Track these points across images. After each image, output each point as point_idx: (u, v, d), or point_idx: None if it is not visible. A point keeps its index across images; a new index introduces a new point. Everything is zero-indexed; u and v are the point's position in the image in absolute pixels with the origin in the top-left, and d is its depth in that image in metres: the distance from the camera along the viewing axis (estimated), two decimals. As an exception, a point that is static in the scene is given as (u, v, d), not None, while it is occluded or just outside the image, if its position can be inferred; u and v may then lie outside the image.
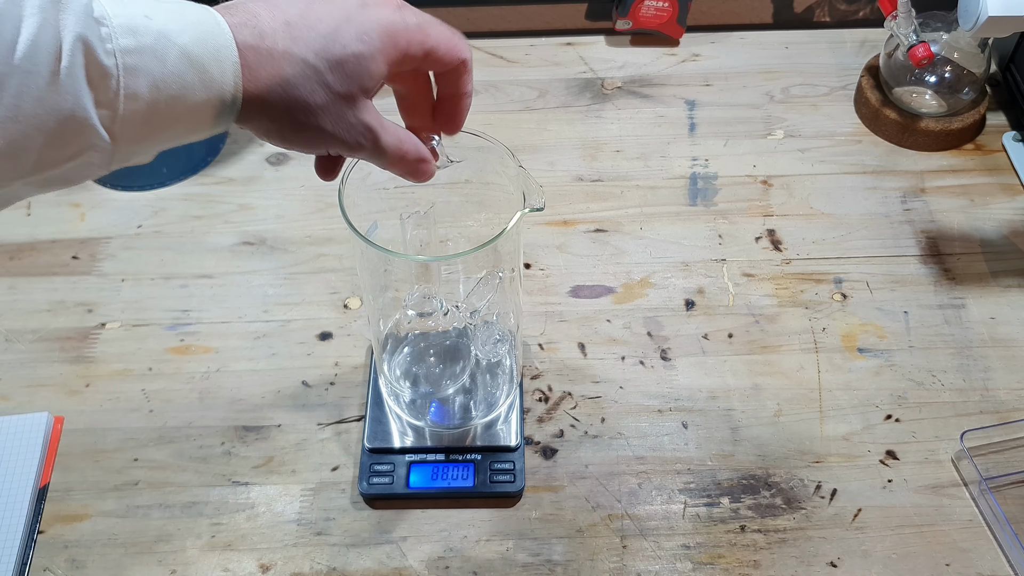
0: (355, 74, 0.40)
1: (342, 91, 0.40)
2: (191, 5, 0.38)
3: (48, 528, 0.63)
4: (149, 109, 0.36)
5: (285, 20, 0.39)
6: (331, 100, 0.40)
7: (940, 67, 0.82)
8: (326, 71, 0.39)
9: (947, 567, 0.60)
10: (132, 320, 0.74)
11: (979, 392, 0.69)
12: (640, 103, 0.90)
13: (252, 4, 0.39)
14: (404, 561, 0.61)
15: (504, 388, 0.66)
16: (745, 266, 0.77)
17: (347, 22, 0.39)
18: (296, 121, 0.40)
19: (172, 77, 0.36)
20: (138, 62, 0.35)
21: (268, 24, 0.38)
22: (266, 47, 0.38)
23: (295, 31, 0.38)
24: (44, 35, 0.33)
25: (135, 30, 0.35)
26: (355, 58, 0.39)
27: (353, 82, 0.40)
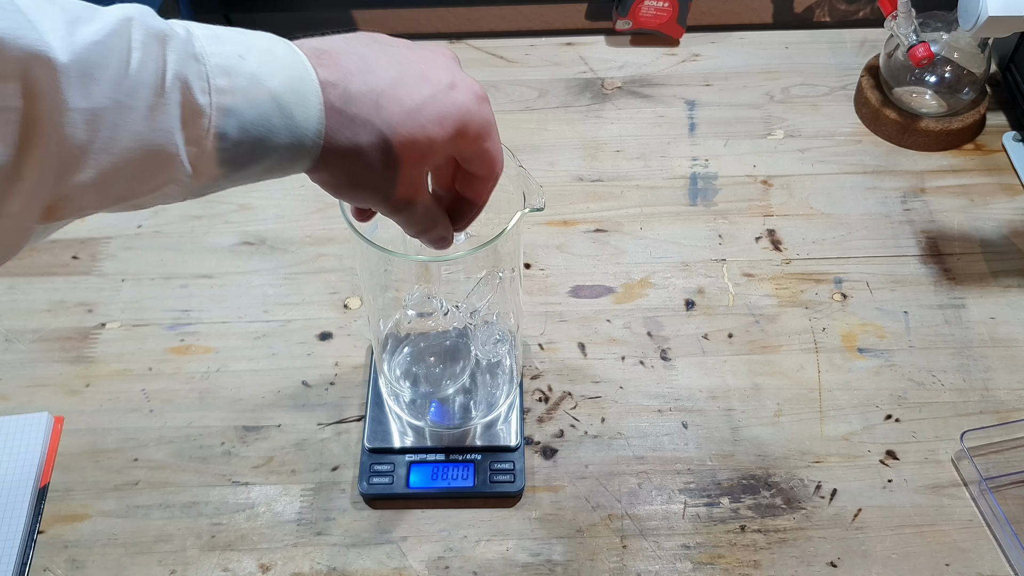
0: (421, 153, 0.40)
1: (403, 163, 0.40)
2: (278, 44, 0.37)
3: (48, 528, 0.63)
4: (234, 149, 0.36)
5: (375, 89, 0.38)
6: (392, 169, 0.40)
7: (940, 67, 0.82)
8: (397, 145, 0.39)
9: (947, 567, 0.60)
10: (132, 320, 0.74)
11: (979, 392, 0.69)
12: (640, 103, 0.90)
13: (346, 60, 0.38)
14: (404, 561, 0.61)
15: (504, 388, 0.66)
16: (745, 266, 0.77)
17: (432, 101, 0.39)
18: (355, 181, 0.40)
19: (260, 120, 0.35)
20: (231, 103, 0.35)
21: (357, 88, 0.38)
22: (351, 113, 0.38)
23: (382, 101, 0.38)
24: (146, 71, 0.33)
25: (230, 71, 0.35)
26: (427, 140, 0.39)
27: (416, 158, 0.40)
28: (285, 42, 0.38)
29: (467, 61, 0.94)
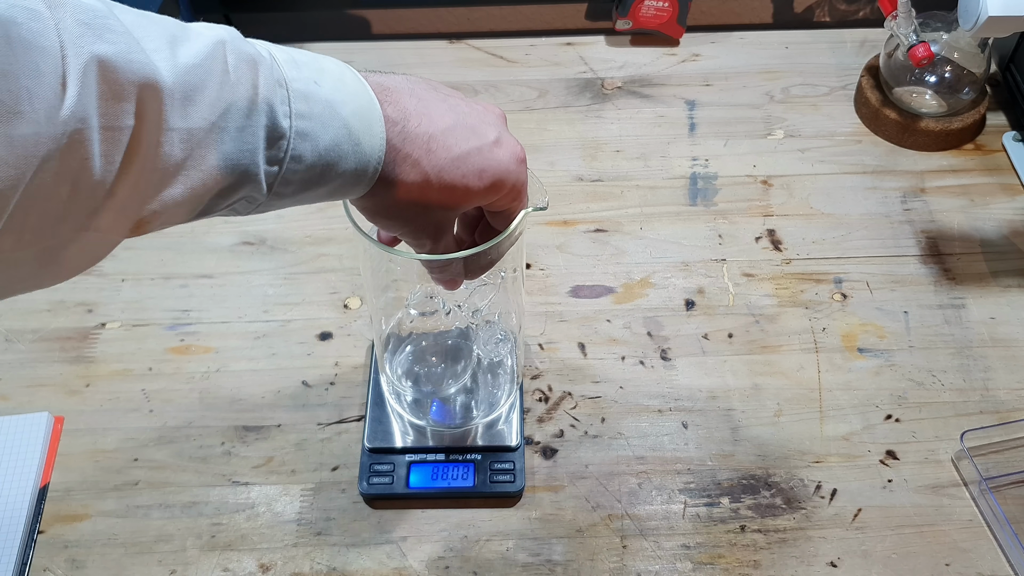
0: (457, 199, 0.42)
1: (439, 205, 0.42)
2: (347, 72, 0.39)
3: (48, 528, 0.63)
4: (308, 171, 0.37)
5: (429, 132, 0.40)
6: (427, 209, 0.42)
7: (940, 67, 0.82)
8: (437, 188, 0.41)
9: (947, 567, 0.60)
10: (132, 320, 0.74)
11: (979, 392, 0.69)
12: (640, 103, 0.90)
13: (407, 100, 0.40)
14: (404, 561, 0.61)
15: (506, 388, 0.66)
16: (745, 266, 0.77)
17: (476, 154, 0.41)
18: (390, 211, 0.42)
19: (333, 145, 0.37)
20: (308, 128, 0.36)
21: (415, 130, 0.40)
22: (405, 152, 0.39)
23: (433, 145, 0.40)
24: (238, 94, 0.34)
25: (308, 96, 0.36)
26: (464, 190, 0.41)
27: (451, 203, 0.42)
28: (352, 71, 0.39)
29: (467, 61, 0.94)
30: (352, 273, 0.76)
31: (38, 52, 0.28)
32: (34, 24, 0.28)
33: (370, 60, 0.94)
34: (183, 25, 0.34)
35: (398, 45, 0.96)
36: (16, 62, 0.27)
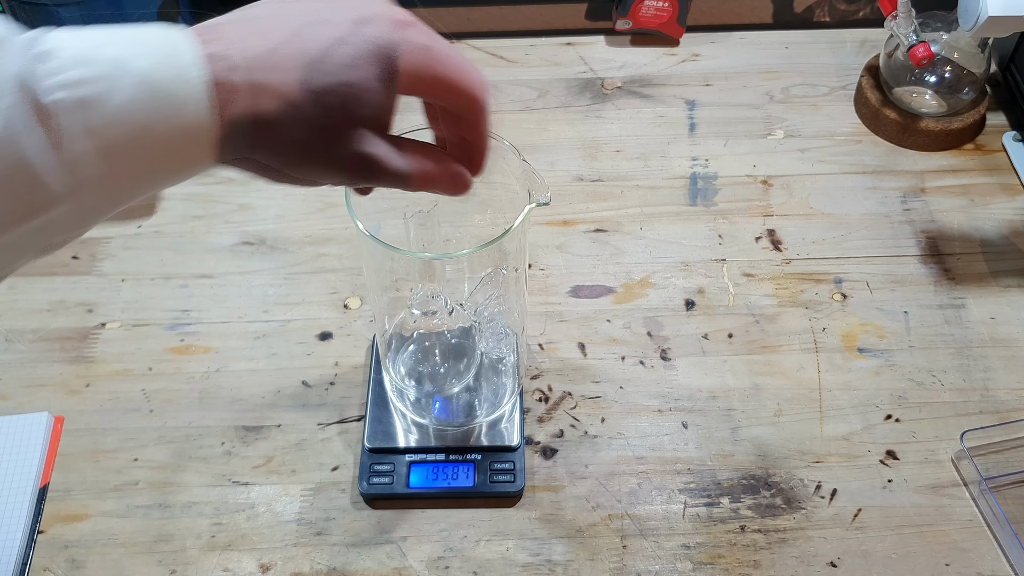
0: (343, 105, 0.35)
1: (328, 124, 0.35)
2: (153, 27, 0.33)
3: (48, 528, 0.63)
4: (109, 147, 0.31)
5: (266, 47, 0.34)
6: (317, 135, 0.36)
7: (940, 67, 0.82)
8: (313, 104, 0.35)
9: (947, 567, 0.60)
10: (132, 320, 0.74)
11: (979, 392, 0.69)
12: (640, 103, 0.90)
13: (227, 28, 0.35)
14: (404, 561, 0.61)
15: (508, 387, 0.66)
16: (745, 266, 0.77)
17: (340, 44, 0.35)
18: (283, 159, 0.36)
19: (131, 107, 0.31)
20: (87, 94, 0.31)
21: (241, 54, 0.34)
22: (239, 82, 0.33)
23: (275, 59, 0.34)
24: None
25: (85, 60, 0.31)
26: (342, 88, 0.35)
27: (342, 114, 0.35)
28: (165, 25, 0.34)
29: (467, 61, 0.94)
30: (352, 273, 0.76)
31: None
32: None
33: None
34: None
35: (398, 45, 0.96)
36: None
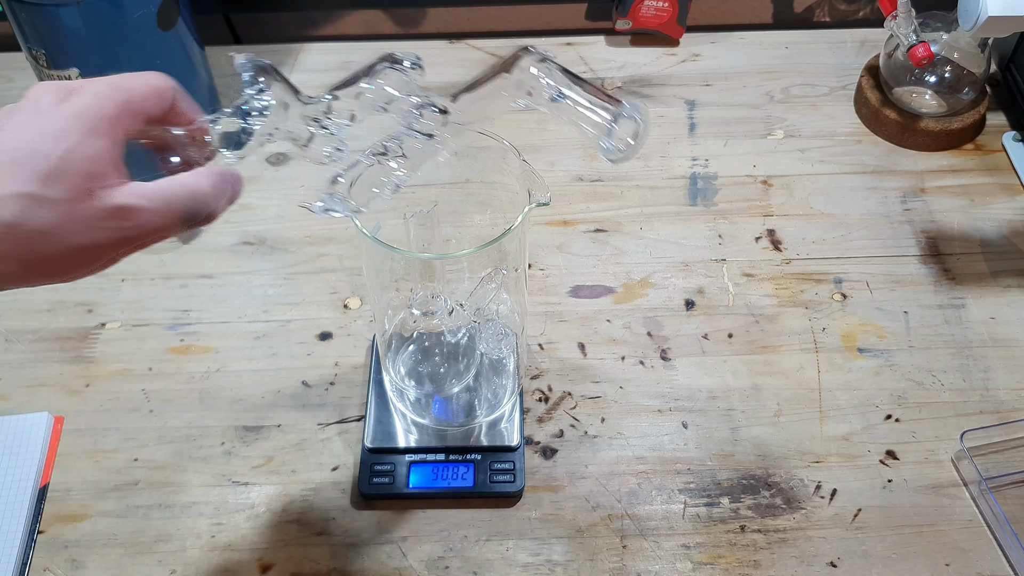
0: (74, 172, 0.36)
1: (69, 196, 0.36)
2: None
3: (48, 528, 0.63)
4: None
5: None
6: (64, 212, 0.36)
7: (940, 67, 0.82)
8: (43, 190, 0.36)
9: (947, 567, 0.60)
10: (132, 320, 0.74)
11: (979, 392, 0.69)
12: (640, 103, 0.89)
13: None
14: (404, 561, 0.61)
15: (508, 387, 0.66)
16: (745, 266, 0.77)
17: (40, 134, 0.36)
18: (46, 255, 0.37)
19: None
20: None
21: None
22: None
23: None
24: None
25: None
26: (64, 159, 0.36)
27: (76, 179, 0.36)
28: None
29: (467, 61, 0.94)
30: (352, 273, 0.76)
31: None
32: None
33: (370, 59, 0.94)
34: None
35: (398, 45, 0.96)
36: None
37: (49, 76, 0.74)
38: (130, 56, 0.74)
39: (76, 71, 0.73)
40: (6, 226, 0.35)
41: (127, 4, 0.71)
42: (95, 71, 0.74)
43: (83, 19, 0.70)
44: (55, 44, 0.72)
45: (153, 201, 0.39)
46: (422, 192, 0.51)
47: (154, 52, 0.76)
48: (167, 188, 0.40)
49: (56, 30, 0.71)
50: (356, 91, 0.46)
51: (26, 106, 0.38)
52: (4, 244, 0.36)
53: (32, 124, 0.37)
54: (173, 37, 0.77)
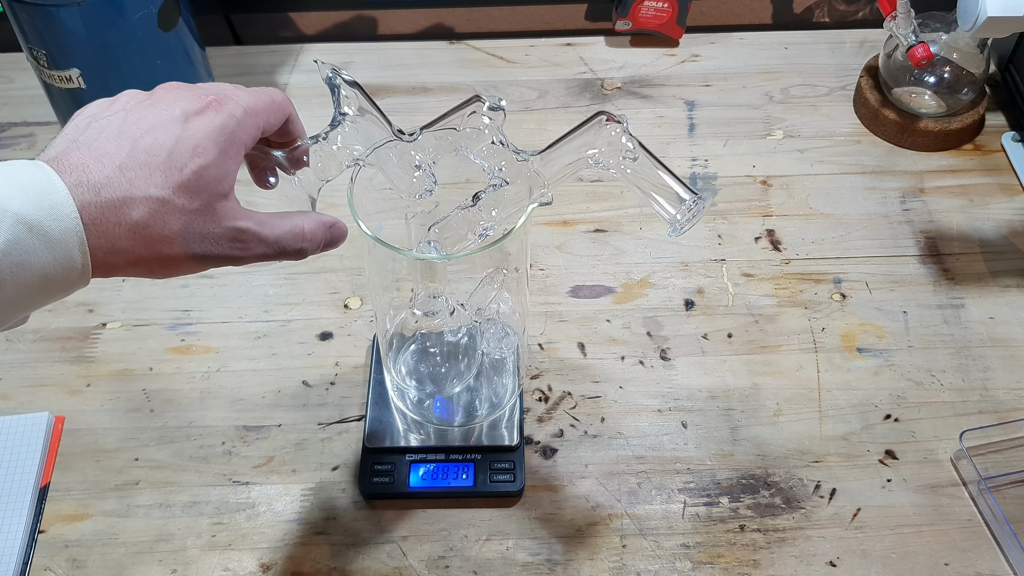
0: (203, 187, 0.39)
1: (195, 207, 0.39)
2: (22, 167, 0.37)
3: (49, 528, 0.63)
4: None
5: (117, 165, 0.38)
6: (188, 222, 0.39)
7: (939, 67, 0.83)
8: (173, 197, 0.39)
9: (946, 567, 0.61)
10: (133, 320, 0.74)
11: (978, 392, 0.69)
12: (640, 103, 0.90)
13: (76, 156, 0.38)
14: (404, 561, 0.61)
15: (508, 386, 0.66)
16: (744, 266, 0.77)
17: (177, 143, 0.39)
18: (161, 256, 0.40)
19: (9, 245, 0.35)
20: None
21: (99, 174, 0.38)
22: (104, 200, 0.37)
23: (128, 173, 0.38)
24: None
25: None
26: (197, 173, 0.39)
27: (204, 194, 0.40)
28: (30, 163, 0.38)
29: (467, 61, 0.94)
30: (352, 273, 0.76)
31: None
32: None
33: (370, 60, 0.94)
34: None
35: (398, 45, 0.96)
36: None
37: (50, 76, 0.74)
38: (130, 56, 0.74)
39: (77, 71, 0.73)
40: (134, 226, 0.38)
41: (128, 4, 0.71)
42: (96, 71, 0.75)
43: (84, 19, 0.70)
44: (56, 44, 0.72)
45: (268, 234, 0.42)
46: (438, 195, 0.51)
47: (155, 52, 0.76)
48: (280, 227, 0.43)
49: (57, 30, 0.71)
50: (449, 138, 0.48)
51: (161, 108, 0.40)
52: (127, 242, 0.38)
53: (170, 130, 0.39)
54: (174, 37, 0.77)
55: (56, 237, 0.36)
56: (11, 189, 0.36)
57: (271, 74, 0.93)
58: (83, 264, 0.37)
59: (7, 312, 0.37)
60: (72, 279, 0.38)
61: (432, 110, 0.49)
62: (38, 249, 0.36)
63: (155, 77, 0.77)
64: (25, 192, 0.36)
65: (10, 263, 0.35)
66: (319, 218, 0.45)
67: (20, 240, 0.35)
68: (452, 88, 0.91)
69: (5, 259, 0.35)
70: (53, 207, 0.36)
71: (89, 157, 0.38)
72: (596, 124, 0.47)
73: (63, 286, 0.38)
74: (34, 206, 0.36)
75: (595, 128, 0.48)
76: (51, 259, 0.36)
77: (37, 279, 0.36)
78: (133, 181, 0.38)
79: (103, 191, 0.37)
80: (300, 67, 0.94)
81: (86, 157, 0.38)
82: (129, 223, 0.38)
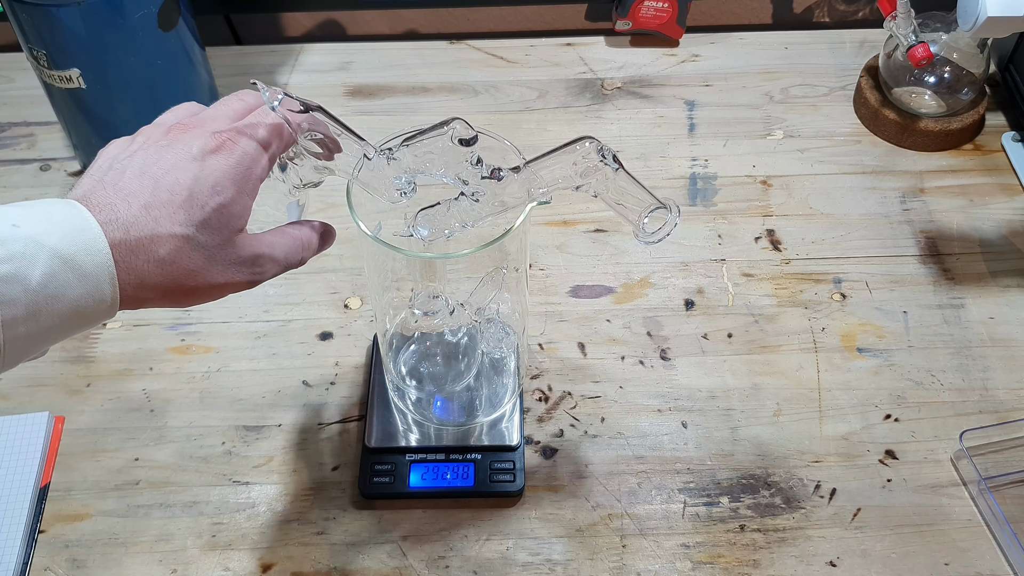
0: (224, 223, 0.42)
1: (217, 243, 0.42)
2: (57, 205, 0.39)
3: (49, 528, 0.63)
4: (29, 313, 0.37)
5: (142, 204, 0.40)
6: (210, 255, 0.42)
7: (939, 67, 0.83)
8: (196, 234, 0.41)
9: (946, 567, 0.61)
10: (133, 320, 0.74)
11: (978, 392, 0.69)
12: (640, 103, 0.90)
13: (103, 195, 0.40)
14: (404, 561, 0.61)
15: (508, 386, 0.66)
16: (744, 266, 0.77)
17: (197, 182, 0.41)
18: (185, 288, 0.42)
19: (46, 279, 0.37)
20: (10, 270, 0.36)
21: (127, 213, 0.39)
22: (133, 238, 0.39)
23: (153, 212, 0.40)
24: None
25: (3, 241, 0.36)
26: (217, 211, 0.41)
27: (224, 230, 0.42)
28: (63, 200, 0.40)
29: (467, 61, 0.94)
30: (353, 273, 0.76)
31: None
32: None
33: (370, 60, 0.94)
34: None
35: (398, 45, 0.96)
36: None
37: (50, 76, 0.74)
38: (130, 56, 0.74)
39: (77, 71, 0.73)
40: (160, 262, 0.40)
41: (128, 4, 0.71)
42: (96, 71, 0.75)
43: (84, 19, 0.70)
44: (56, 44, 0.72)
45: (279, 255, 0.45)
46: (423, 192, 0.51)
47: (155, 52, 0.76)
48: (283, 244, 0.46)
49: (57, 30, 0.71)
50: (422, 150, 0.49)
51: (179, 148, 0.42)
52: (155, 277, 0.40)
53: (188, 169, 0.41)
54: (174, 37, 0.77)
55: (89, 272, 0.38)
56: (47, 225, 0.38)
57: (271, 74, 0.93)
58: (112, 297, 0.40)
59: (39, 342, 0.39)
60: (101, 311, 0.40)
61: (432, 110, 0.49)
62: (72, 283, 0.38)
63: (155, 77, 0.77)
64: (61, 228, 0.38)
65: (46, 295, 0.37)
66: (310, 224, 0.48)
67: (56, 274, 0.37)
68: (452, 88, 0.91)
69: (42, 291, 0.37)
70: (87, 243, 0.38)
71: (115, 196, 0.40)
72: (576, 145, 0.48)
73: (92, 318, 0.40)
74: (69, 242, 0.38)
75: (574, 147, 0.49)
76: (83, 292, 0.38)
77: (69, 311, 0.38)
78: (158, 220, 0.40)
79: (132, 229, 0.39)
80: (300, 67, 0.94)
81: (112, 196, 0.40)
82: (156, 259, 0.40)
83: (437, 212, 0.49)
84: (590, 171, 0.49)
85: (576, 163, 0.48)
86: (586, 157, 0.48)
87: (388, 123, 0.87)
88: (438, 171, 0.49)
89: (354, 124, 0.48)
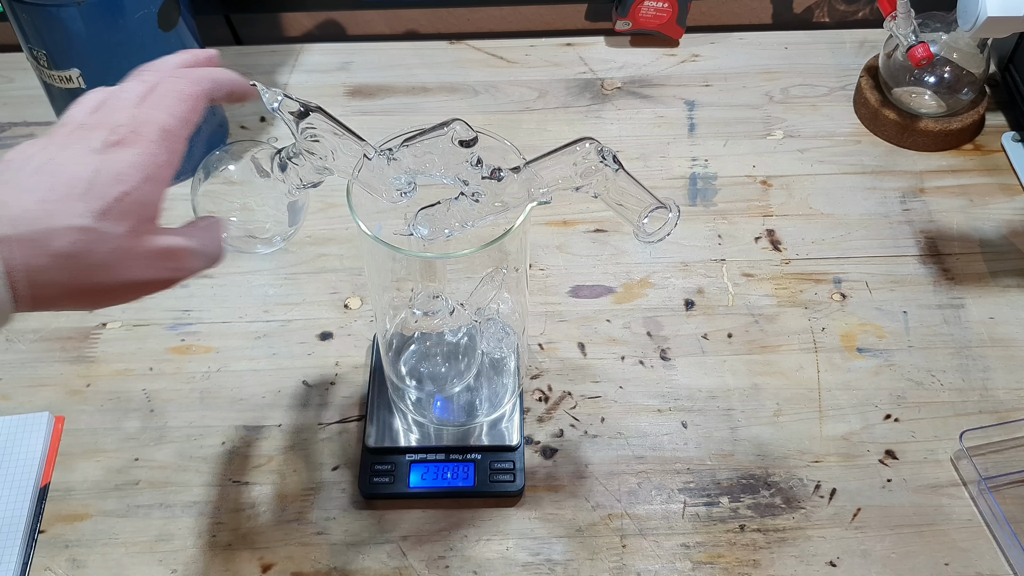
0: (128, 212, 0.39)
1: (122, 232, 0.39)
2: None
3: (49, 528, 0.63)
4: None
5: (36, 199, 0.38)
6: (118, 249, 0.39)
7: (939, 67, 0.83)
8: (96, 225, 0.38)
9: (946, 567, 0.61)
10: (133, 320, 0.74)
11: (978, 392, 0.69)
12: (640, 103, 0.90)
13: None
14: (404, 561, 0.61)
15: (509, 386, 0.66)
16: (744, 266, 0.77)
17: (98, 174, 0.39)
18: (95, 286, 0.39)
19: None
20: None
21: (17, 208, 0.37)
22: (23, 232, 0.37)
23: (47, 205, 0.38)
24: None
25: None
26: (120, 200, 0.39)
27: (130, 219, 0.39)
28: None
29: (467, 62, 0.94)
30: (353, 273, 0.76)
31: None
32: None
33: (370, 60, 0.94)
34: None
35: (398, 45, 0.96)
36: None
37: (50, 76, 0.74)
38: (131, 56, 0.74)
39: (77, 71, 0.73)
40: (58, 256, 0.38)
41: (128, 5, 0.71)
42: (96, 71, 0.75)
43: (84, 19, 0.70)
44: (56, 44, 0.72)
45: (196, 246, 0.43)
46: (423, 192, 0.51)
47: (155, 53, 0.75)
48: (199, 233, 0.44)
49: (57, 30, 0.71)
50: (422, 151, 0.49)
51: (81, 143, 0.40)
52: (53, 273, 0.38)
53: (89, 163, 0.39)
54: (174, 37, 0.77)
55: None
56: None
57: (271, 74, 0.93)
58: (6, 302, 0.37)
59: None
60: (15, 307, 0.38)
61: (432, 110, 0.49)
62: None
63: (155, 77, 0.77)
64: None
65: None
66: (212, 222, 0.47)
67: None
68: (452, 88, 0.91)
69: None
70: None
71: (7, 193, 0.38)
72: (576, 145, 0.49)
73: (11, 311, 0.38)
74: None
75: (574, 147, 0.49)
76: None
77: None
78: (53, 213, 0.37)
79: (20, 224, 0.37)
80: (300, 67, 0.94)
81: (4, 194, 0.38)
82: (52, 253, 0.37)
83: (437, 212, 0.49)
84: (590, 172, 0.49)
85: (576, 163, 0.48)
86: (586, 158, 0.48)
87: (388, 123, 0.87)
88: (438, 171, 0.49)
89: (354, 124, 0.49)
